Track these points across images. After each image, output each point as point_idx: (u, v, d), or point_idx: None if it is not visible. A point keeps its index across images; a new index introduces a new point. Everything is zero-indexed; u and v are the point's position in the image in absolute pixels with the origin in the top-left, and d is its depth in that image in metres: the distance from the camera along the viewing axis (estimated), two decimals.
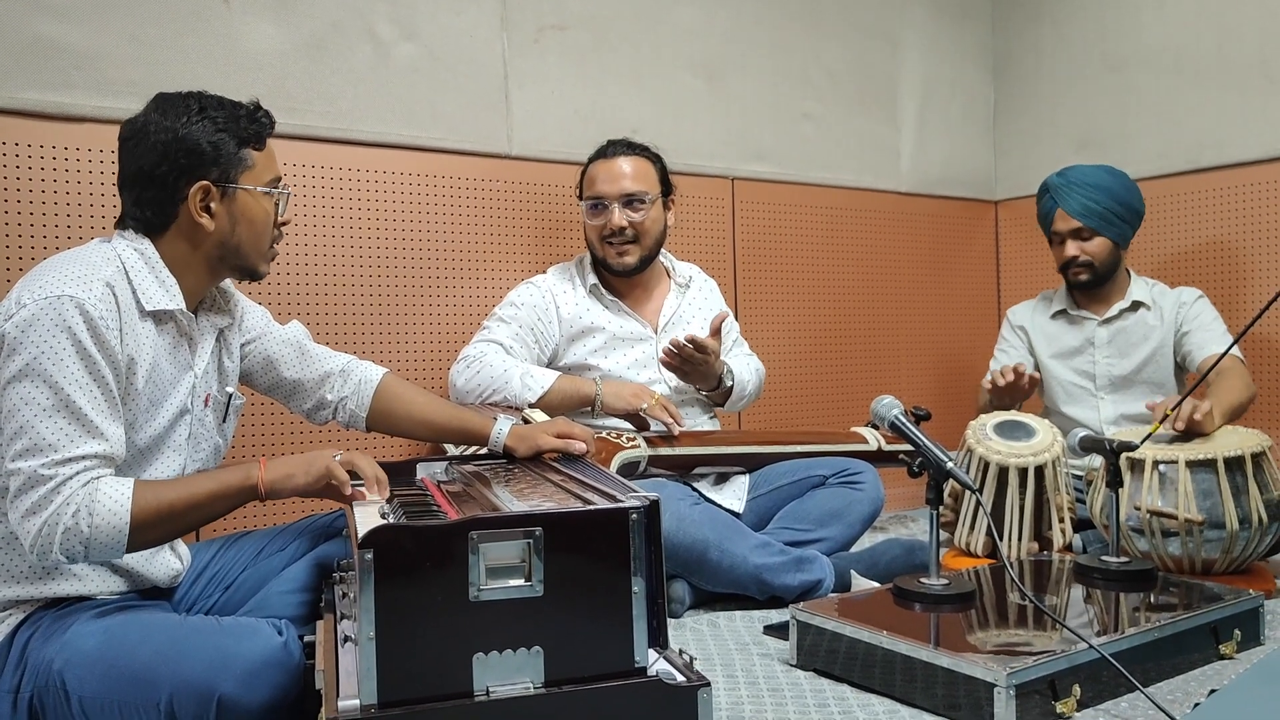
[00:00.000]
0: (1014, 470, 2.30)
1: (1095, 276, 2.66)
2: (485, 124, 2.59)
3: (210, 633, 1.36)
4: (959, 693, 1.46)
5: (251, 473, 1.46)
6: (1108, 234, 2.62)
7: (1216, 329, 2.59)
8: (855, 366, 3.32)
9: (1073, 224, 2.63)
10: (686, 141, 2.93)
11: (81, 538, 1.32)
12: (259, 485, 1.46)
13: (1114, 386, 2.70)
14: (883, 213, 3.38)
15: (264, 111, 1.55)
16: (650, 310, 2.48)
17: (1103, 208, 2.60)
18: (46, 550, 1.32)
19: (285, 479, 1.48)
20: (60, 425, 1.33)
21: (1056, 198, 2.65)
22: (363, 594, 1.15)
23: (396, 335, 2.47)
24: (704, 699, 1.24)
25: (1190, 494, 2.09)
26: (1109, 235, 2.62)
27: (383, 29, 2.43)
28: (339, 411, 1.80)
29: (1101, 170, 2.65)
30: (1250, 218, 2.94)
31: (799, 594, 2.07)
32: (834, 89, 3.26)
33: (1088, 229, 2.62)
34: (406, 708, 1.15)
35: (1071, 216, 2.62)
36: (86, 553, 1.34)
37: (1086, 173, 2.64)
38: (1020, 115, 3.57)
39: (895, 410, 1.84)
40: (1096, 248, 2.63)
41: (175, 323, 1.52)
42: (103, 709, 1.32)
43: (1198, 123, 3.04)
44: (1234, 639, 1.73)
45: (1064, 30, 3.40)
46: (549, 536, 1.21)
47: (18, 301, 1.35)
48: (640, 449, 2.22)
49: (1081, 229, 2.62)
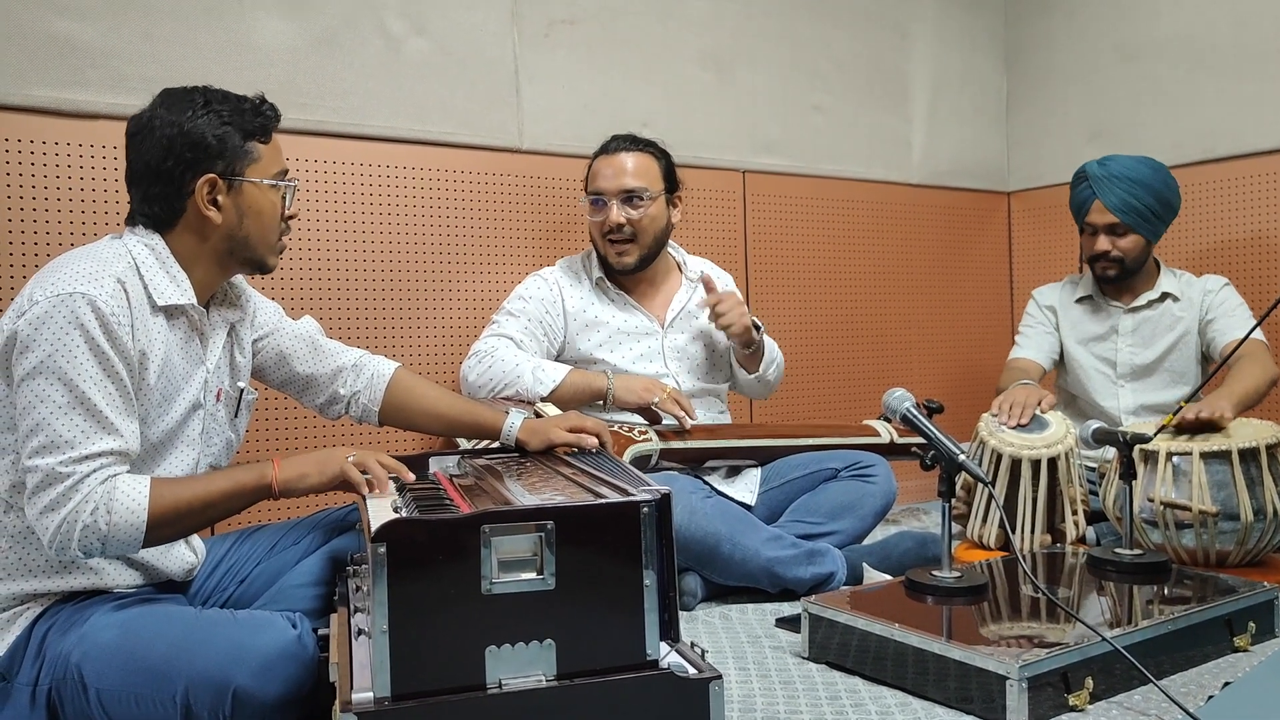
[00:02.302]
0: (1027, 462, 2.29)
1: (1123, 273, 2.61)
2: (496, 118, 2.59)
3: (225, 626, 1.37)
4: (971, 685, 1.46)
5: (266, 472, 1.48)
6: (1142, 231, 2.55)
7: (1241, 315, 2.56)
8: (867, 359, 3.31)
9: (1109, 219, 2.54)
10: (697, 135, 2.92)
11: (100, 535, 1.34)
12: (273, 484, 1.47)
13: (1134, 375, 2.68)
14: (894, 205, 3.36)
15: (269, 105, 1.56)
16: (658, 304, 2.48)
17: (1143, 205, 2.52)
18: (65, 546, 1.33)
19: (300, 478, 1.50)
20: (76, 422, 1.34)
21: (1096, 189, 2.56)
22: (376, 587, 1.15)
23: (408, 329, 2.48)
24: (716, 691, 1.24)
25: (1204, 486, 2.08)
26: (1143, 233, 2.56)
27: (394, 24, 2.43)
28: (351, 406, 1.81)
29: (1144, 164, 2.55)
30: (1267, 207, 2.92)
31: (811, 587, 2.07)
32: (844, 81, 3.24)
33: (1123, 225, 2.54)
34: (420, 700, 1.16)
35: (1109, 211, 2.53)
36: (104, 549, 1.36)
37: (1129, 165, 2.55)
38: (1032, 106, 3.54)
39: (907, 403, 1.83)
40: (1129, 244, 2.56)
41: (187, 318, 1.53)
42: (120, 701, 1.33)
43: (1213, 112, 3.01)
44: (1248, 631, 1.72)
45: (1076, 19, 3.38)
46: (561, 530, 1.22)
47: (31, 299, 1.36)
48: (652, 442, 2.22)
49: (1117, 224, 2.54)
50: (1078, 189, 2.66)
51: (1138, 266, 2.63)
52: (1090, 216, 2.59)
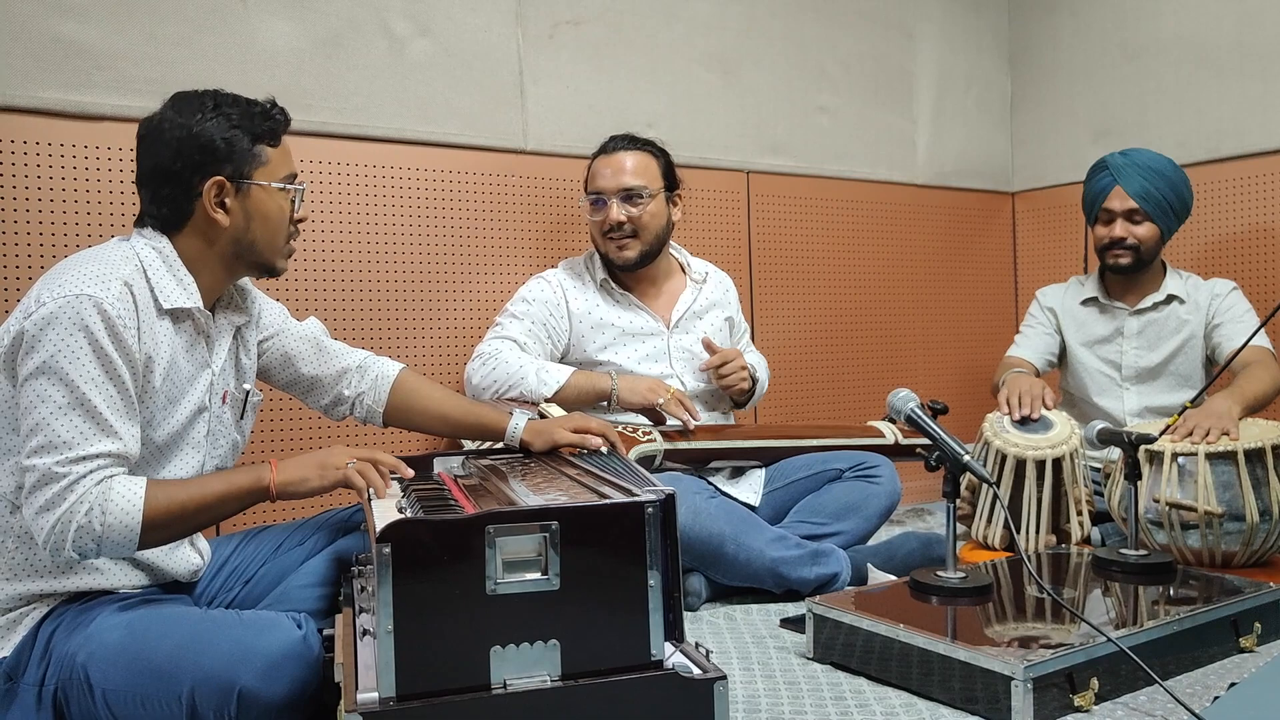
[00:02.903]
0: (1031, 463, 2.29)
1: (1136, 261, 2.61)
2: (500, 119, 2.59)
3: (231, 626, 1.37)
4: (976, 686, 1.46)
5: (263, 475, 1.48)
6: (1159, 222, 2.57)
7: (1248, 321, 2.56)
8: (871, 360, 3.31)
9: (1129, 204, 2.57)
10: (701, 135, 2.93)
11: (94, 535, 1.34)
12: (270, 487, 1.48)
13: (1140, 378, 2.68)
14: (899, 205, 3.36)
15: (279, 108, 1.56)
16: (662, 305, 2.48)
17: (1162, 196, 2.56)
18: (59, 547, 1.33)
19: (299, 482, 1.50)
20: (75, 423, 1.34)
21: (1117, 175, 2.59)
22: (381, 588, 1.16)
23: (412, 330, 2.48)
24: (720, 692, 1.24)
25: (1210, 486, 2.08)
26: (1159, 224, 2.58)
27: (398, 25, 2.44)
28: (356, 407, 1.81)
29: (1164, 159, 2.60)
30: (1273, 207, 2.91)
31: (815, 587, 2.07)
32: (849, 81, 3.24)
33: (1142, 212, 2.56)
34: (425, 700, 1.16)
35: (1130, 196, 2.56)
36: (99, 550, 1.36)
37: (1151, 157, 2.60)
38: (1037, 106, 3.54)
39: (912, 403, 1.83)
40: (1145, 233, 2.58)
41: (192, 321, 1.53)
42: (126, 701, 1.33)
43: (1218, 111, 3.01)
44: (1254, 632, 1.72)
45: (1081, 19, 3.37)
46: (565, 530, 1.22)
47: (37, 300, 1.37)
48: (656, 443, 2.22)
49: (1136, 210, 2.57)
50: (1096, 178, 2.66)
51: (1150, 259, 2.63)
52: (1109, 203, 2.61)
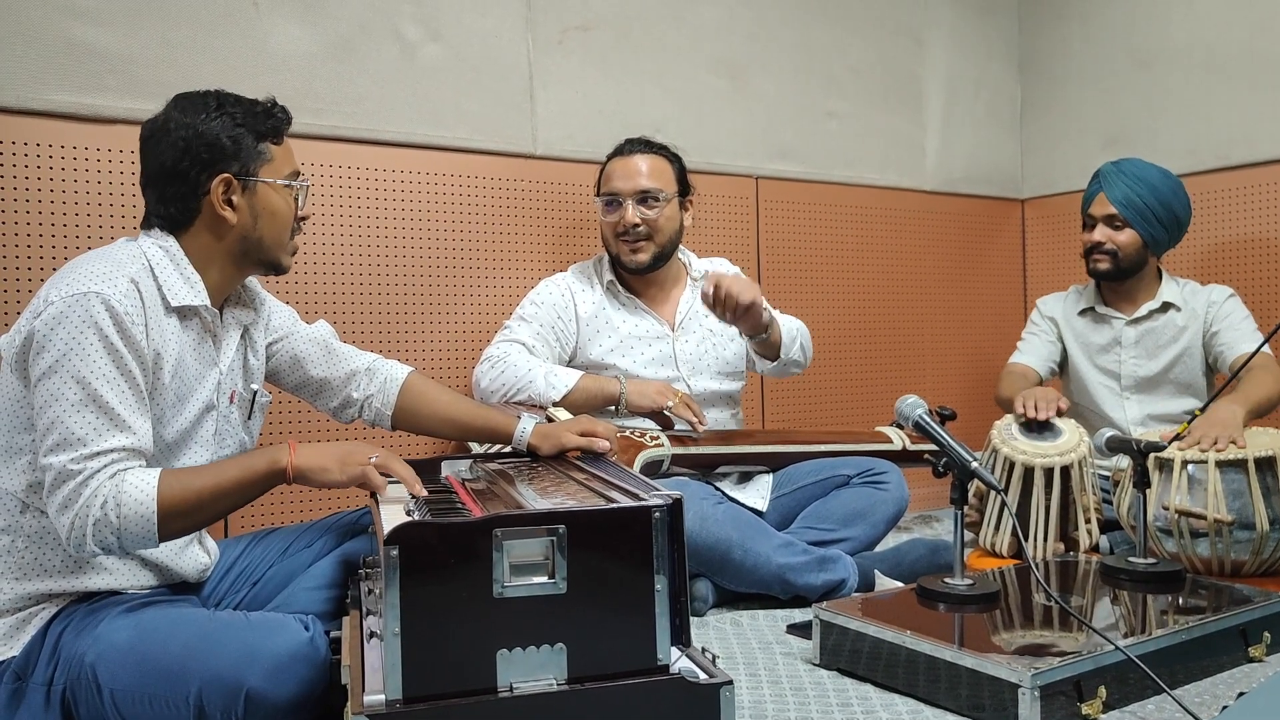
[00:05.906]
0: (1039, 470, 2.28)
1: (1115, 269, 2.62)
2: (510, 124, 2.60)
3: (238, 628, 1.37)
4: (983, 693, 1.45)
5: (280, 457, 1.46)
6: (1139, 229, 2.58)
7: (1246, 328, 2.56)
8: (880, 366, 3.30)
9: (1108, 210, 2.59)
10: (710, 140, 2.93)
11: (112, 528, 1.34)
12: (287, 470, 1.46)
13: (1140, 387, 2.67)
14: (908, 211, 3.36)
15: (280, 107, 1.58)
16: (668, 309, 2.48)
17: (1143, 202, 2.57)
18: (81, 543, 1.34)
19: (320, 471, 1.48)
20: (88, 420, 1.35)
21: (1103, 183, 2.63)
22: (388, 590, 1.16)
23: (421, 334, 2.49)
24: (726, 697, 1.24)
25: (1220, 494, 2.07)
26: (1140, 231, 2.58)
27: (408, 30, 2.45)
28: (365, 410, 1.82)
29: (1155, 169, 2.61)
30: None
31: (822, 593, 2.07)
32: (859, 87, 3.24)
33: (1121, 218, 2.58)
34: (431, 703, 1.16)
35: (1110, 202, 2.59)
36: (120, 543, 1.36)
37: (1140, 166, 2.61)
38: (1047, 112, 3.54)
39: (920, 409, 1.83)
40: (1124, 239, 2.59)
41: (200, 319, 1.54)
42: (134, 702, 1.34)
43: (1228, 119, 3.00)
44: (1264, 642, 1.71)
45: (1091, 26, 3.37)
46: (572, 534, 1.22)
47: (46, 300, 1.38)
48: (664, 448, 2.22)
49: (1115, 216, 2.59)
50: (1089, 187, 2.70)
51: (1131, 268, 2.63)
52: (1092, 209, 2.65)
